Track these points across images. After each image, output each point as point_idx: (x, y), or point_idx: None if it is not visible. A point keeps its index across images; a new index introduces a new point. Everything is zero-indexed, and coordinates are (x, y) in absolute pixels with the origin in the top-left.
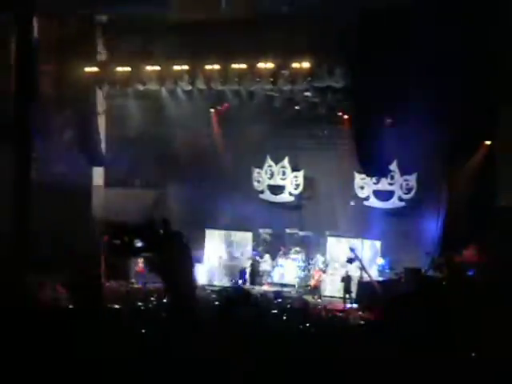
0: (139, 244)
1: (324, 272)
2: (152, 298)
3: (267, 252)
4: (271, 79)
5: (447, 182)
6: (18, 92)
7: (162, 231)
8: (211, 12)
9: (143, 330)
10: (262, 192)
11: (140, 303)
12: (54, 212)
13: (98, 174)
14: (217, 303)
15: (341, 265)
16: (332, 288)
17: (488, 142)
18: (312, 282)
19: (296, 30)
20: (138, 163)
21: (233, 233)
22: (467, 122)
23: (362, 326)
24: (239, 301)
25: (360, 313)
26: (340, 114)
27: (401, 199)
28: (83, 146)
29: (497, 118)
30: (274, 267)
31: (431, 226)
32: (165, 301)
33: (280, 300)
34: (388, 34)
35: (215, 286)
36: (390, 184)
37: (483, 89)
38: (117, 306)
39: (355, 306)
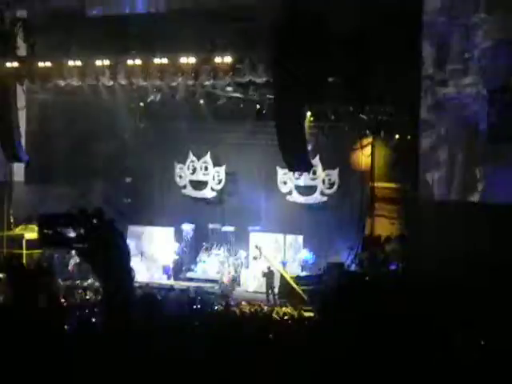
0: (72, 234)
1: (247, 267)
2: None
3: (190, 247)
4: (193, 74)
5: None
6: None
7: (95, 221)
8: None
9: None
10: (184, 187)
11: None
12: None
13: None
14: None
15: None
16: (256, 283)
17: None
18: (224, 279)
19: (219, 26)
20: (59, 160)
21: (156, 228)
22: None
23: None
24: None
25: (283, 308)
26: (262, 109)
27: (323, 194)
28: (2, 142)
29: None
30: (196, 263)
31: (354, 221)
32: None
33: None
34: (309, 32)
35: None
36: (313, 179)
37: None
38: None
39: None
